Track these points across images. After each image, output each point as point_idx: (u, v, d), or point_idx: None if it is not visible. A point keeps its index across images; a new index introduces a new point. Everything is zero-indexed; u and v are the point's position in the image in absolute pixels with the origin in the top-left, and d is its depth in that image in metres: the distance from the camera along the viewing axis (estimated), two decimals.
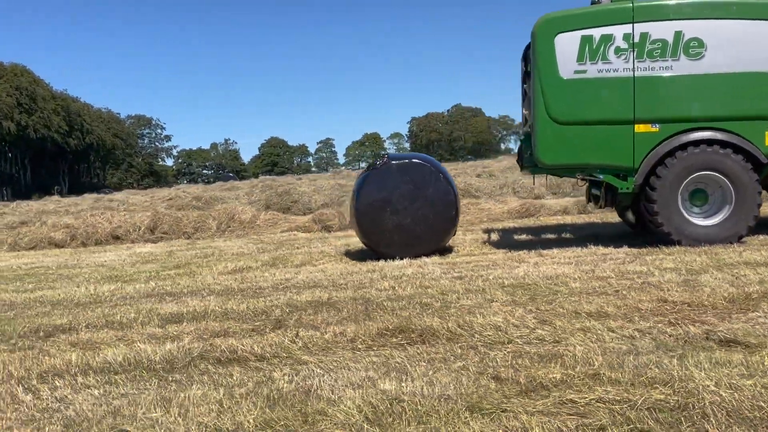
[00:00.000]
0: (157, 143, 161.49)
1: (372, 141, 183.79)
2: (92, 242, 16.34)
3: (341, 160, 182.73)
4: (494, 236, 12.10)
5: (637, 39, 9.76)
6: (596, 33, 9.81)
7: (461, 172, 34.75)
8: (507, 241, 12.03)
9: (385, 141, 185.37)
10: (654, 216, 9.80)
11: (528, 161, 10.46)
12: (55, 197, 44.64)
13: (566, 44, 9.87)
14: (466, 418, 3.88)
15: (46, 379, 5.30)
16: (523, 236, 12.63)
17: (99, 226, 16.61)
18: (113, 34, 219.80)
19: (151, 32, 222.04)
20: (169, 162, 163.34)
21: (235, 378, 5.03)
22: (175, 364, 5.49)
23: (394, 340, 5.74)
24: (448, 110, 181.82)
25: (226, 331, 6.47)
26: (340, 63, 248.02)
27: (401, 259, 10.34)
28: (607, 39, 9.79)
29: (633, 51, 9.78)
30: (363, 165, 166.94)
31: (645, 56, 9.76)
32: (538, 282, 7.79)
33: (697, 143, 9.71)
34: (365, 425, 3.88)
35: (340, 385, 4.63)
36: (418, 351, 5.39)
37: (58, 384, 5.15)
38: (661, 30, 9.73)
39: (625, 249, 9.96)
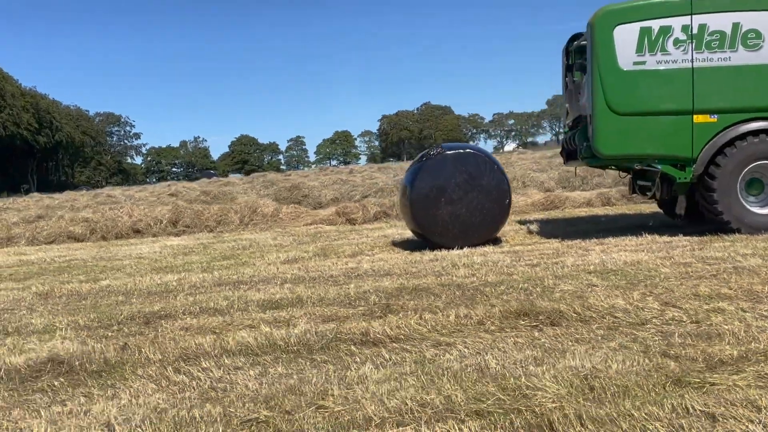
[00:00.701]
0: (126, 141, 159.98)
1: (343, 139, 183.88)
2: (112, 236, 16.15)
3: (312, 157, 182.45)
4: (533, 227, 12.15)
5: (695, 30, 9.90)
6: (655, 25, 9.93)
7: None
8: (549, 231, 12.10)
9: (356, 139, 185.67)
10: (713, 205, 9.95)
11: (586, 152, 10.51)
12: (37, 195, 43.93)
13: (625, 36, 9.98)
14: (678, 390, 3.92)
15: (191, 361, 5.25)
16: (563, 227, 12.72)
17: (119, 220, 16.42)
18: (82, 31, 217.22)
19: (121, 29, 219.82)
20: (138, 160, 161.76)
21: (388, 357, 5.03)
22: (312, 346, 5.47)
23: (522, 322, 5.77)
24: (417, 108, 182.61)
25: (336, 316, 6.45)
26: (311, 61, 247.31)
27: (459, 248, 10.36)
28: (666, 30, 9.92)
29: (692, 42, 9.91)
30: (334, 163, 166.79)
31: (704, 47, 9.90)
32: (623, 268, 7.88)
33: (756, 133, 9.87)
34: (580, 399, 3.90)
35: (509, 364, 4.65)
36: (558, 332, 5.42)
37: (206, 365, 5.11)
38: (720, 21, 9.88)
39: (683, 237, 10.10)
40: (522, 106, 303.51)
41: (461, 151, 10.65)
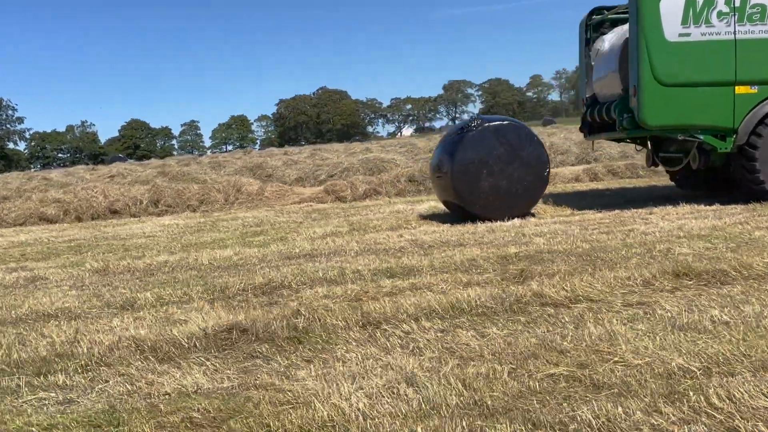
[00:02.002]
0: (8, 126, 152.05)
1: (239, 123, 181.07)
2: (88, 217, 15.35)
3: (207, 142, 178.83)
4: (549, 201, 12.20)
5: (737, 3, 10.14)
6: None
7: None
8: (572, 204, 12.15)
9: (252, 123, 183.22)
10: (755, 174, 10.22)
11: (628, 123, 10.58)
12: None
13: (671, 8, 10.13)
14: None
15: (382, 325, 4.99)
16: (576, 201, 12.81)
17: (94, 200, 15.58)
18: None
19: (2, 8, 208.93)
20: (22, 146, 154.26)
21: (603, 317, 4.90)
22: (495, 309, 5.29)
23: (689, 282, 5.74)
24: (314, 93, 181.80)
25: (474, 281, 6.28)
26: (204, 44, 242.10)
27: (502, 220, 10.29)
28: (710, 3, 10.12)
29: (734, 15, 10.14)
30: (230, 148, 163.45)
31: (745, 20, 10.15)
32: (710, 233, 8.00)
33: None
34: None
35: (737, 319, 4.61)
36: (734, 291, 5.41)
37: (408, 328, 4.87)
38: None
39: (717, 206, 10.34)
40: (420, 91, 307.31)
41: (502, 122, 10.59)
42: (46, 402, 4.00)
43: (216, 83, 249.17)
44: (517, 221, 10.18)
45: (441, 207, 12.60)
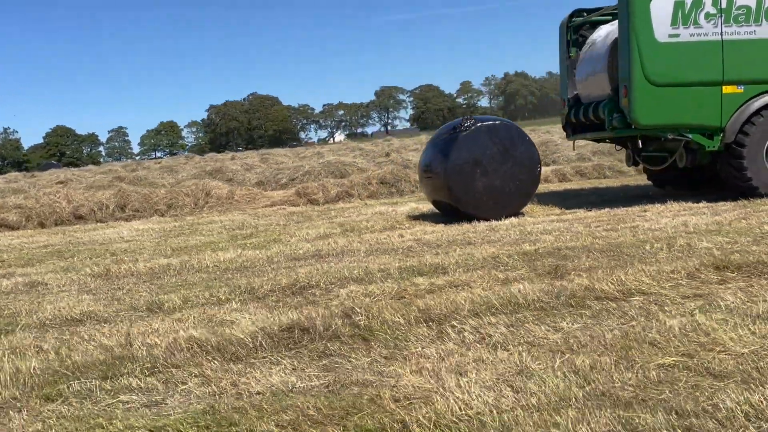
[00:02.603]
0: None
1: (169, 129, 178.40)
2: (51, 223, 14.80)
3: (136, 149, 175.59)
4: (534, 201, 12.21)
5: (724, 5, 10.38)
6: None
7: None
8: (556, 204, 12.22)
9: (182, 129, 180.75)
10: (743, 171, 10.45)
11: (619, 122, 10.69)
12: None
13: (661, 9, 10.32)
14: None
15: (446, 322, 4.90)
16: (558, 200, 12.88)
17: (57, 205, 15.04)
18: None
19: None
20: None
21: (670, 309, 4.90)
22: (551, 303, 5.24)
23: (733, 275, 5.76)
24: (245, 98, 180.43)
25: (511, 278, 6.22)
26: (131, 48, 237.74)
27: (497, 220, 10.26)
28: (698, 4, 10.33)
29: (721, 16, 10.37)
30: (159, 154, 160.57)
31: (731, 21, 10.39)
32: (718, 228, 8.13)
33: None
34: None
35: None
36: None
37: (475, 323, 4.79)
38: None
39: (706, 204, 10.50)
40: (352, 96, 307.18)
41: (495, 122, 10.61)
42: (130, 404, 3.79)
43: (144, 88, 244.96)
44: (514, 220, 10.19)
45: (423, 208, 12.55)
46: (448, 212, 10.98)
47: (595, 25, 12.62)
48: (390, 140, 47.31)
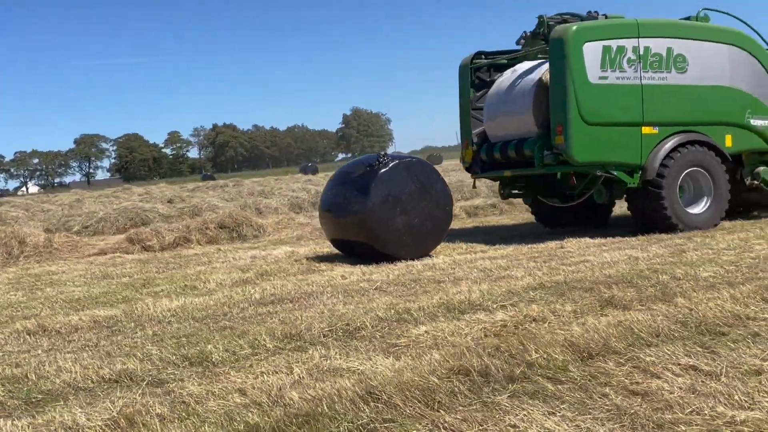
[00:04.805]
0: None
1: None
2: None
3: None
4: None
5: (641, 52, 11.27)
6: (614, 44, 11.10)
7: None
8: (462, 239, 12.44)
9: None
10: (661, 207, 11.30)
11: (552, 159, 11.14)
12: None
13: (592, 52, 10.98)
14: None
15: (598, 357, 4.86)
16: (453, 238, 12.95)
17: None
18: None
19: None
20: None
21: None
22: (681, 333, 5.33)
23: None
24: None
25: (589, 310, 6.29)
26: None
27: (413, 259, 10.26)
28: (621, 50, 11.14)
29: (640, 62, 11.24)
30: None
31: (648, 67, 11.30)
32: (710, 259, 8.66)
33: (688, 144, 11.52)
34: None
35: None
36: None
37: (631, 355, 4.78)
38: (658, 45, 11.43)
39: (620, 239, 11.18)
40: (48, 144, 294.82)
41: (411, 160, 10.72)
42: None
43: None
44: (441, 258, 10.25)
45: (304, 252, 12.19)
46: (359, 253, 10.73)
47: (497, 68, 13.21)
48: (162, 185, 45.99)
